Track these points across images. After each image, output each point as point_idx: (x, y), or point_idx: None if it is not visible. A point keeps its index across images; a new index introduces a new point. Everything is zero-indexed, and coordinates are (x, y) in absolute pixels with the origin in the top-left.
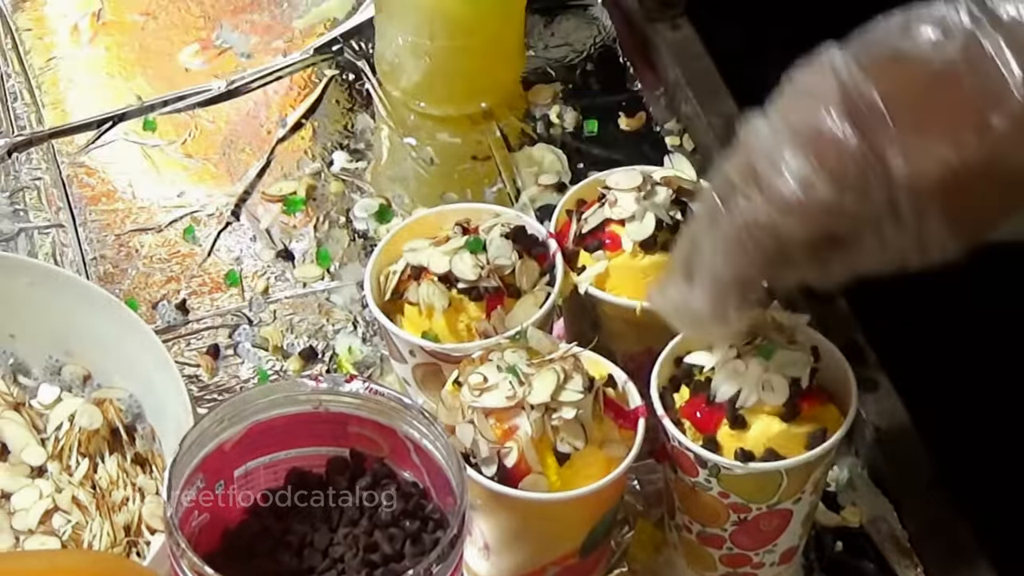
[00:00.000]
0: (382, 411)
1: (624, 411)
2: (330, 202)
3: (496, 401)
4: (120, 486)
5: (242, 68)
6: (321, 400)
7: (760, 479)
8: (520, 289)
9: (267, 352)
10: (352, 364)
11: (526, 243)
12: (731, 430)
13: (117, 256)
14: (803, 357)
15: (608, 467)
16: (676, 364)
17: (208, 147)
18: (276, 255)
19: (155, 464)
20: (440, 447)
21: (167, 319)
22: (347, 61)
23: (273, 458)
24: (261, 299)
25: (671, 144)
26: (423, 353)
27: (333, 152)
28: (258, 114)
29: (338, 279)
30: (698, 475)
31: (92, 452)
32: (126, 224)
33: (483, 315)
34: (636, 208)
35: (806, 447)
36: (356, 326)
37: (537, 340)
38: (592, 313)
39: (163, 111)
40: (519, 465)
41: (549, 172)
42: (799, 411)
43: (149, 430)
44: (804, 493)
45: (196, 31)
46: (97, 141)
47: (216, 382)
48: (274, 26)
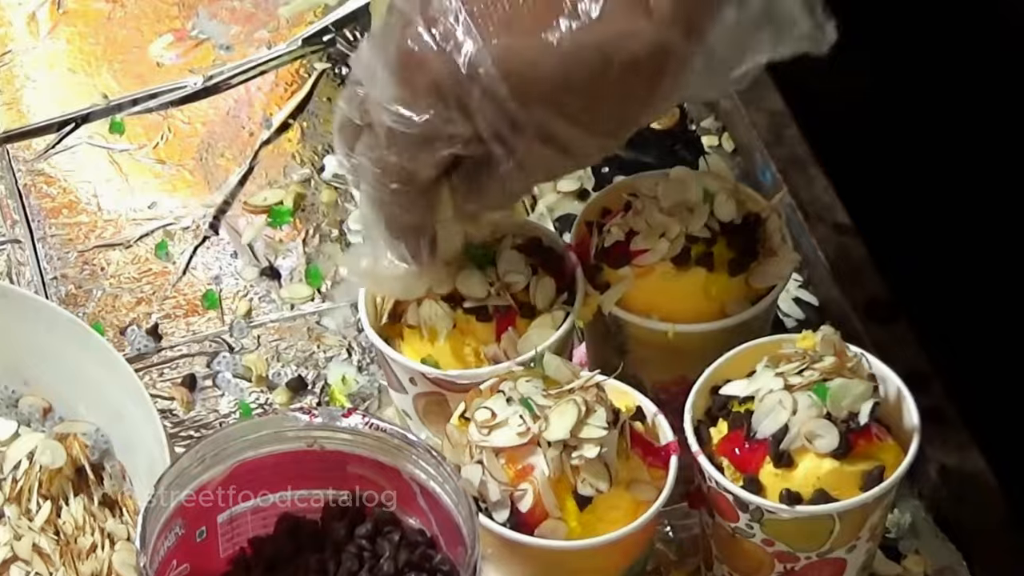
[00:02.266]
0: (384, 449)
1: (654, 448)
2: (321, 213)
3: (507, 439)
4: (87, 531)
5: (221, 62)
6: (315, 437)
7: (809, 524)
8: (535, 308)
9: (250, 383)
10: (346, 395)
11: (542, 257)
12: (775, 469)
13: (80, 275)
14: (863, 389)
15: (636, 511)
16: (712, 394)
17: (183, 152)
18: (260, 273)
19: (126, 507)
20: (449, 490)
21: (137, 346)
22: (340, 53)
23: (261, 502)
24: (243, 323)
25: (708, 144)
26: (425, 381)
27: (324, 156)
28: (239, 114)
29: (330, 300)
30: (739, 520)
31: (55, 494)
32: (90, 239)
33: (492, 338)
34: (666, 218)
35: (861, 488)
36: (350, 353)
37: (554, 367)
38: (618, 337)
39: (132, 111)
40: (535, 510)
41: (569, 177)
42: (853, 447)
43: (119, 468)
44: (859, 540)
45: (169, 20)
46: (58, 145)
47: (192, 417)
48: (257, 14)
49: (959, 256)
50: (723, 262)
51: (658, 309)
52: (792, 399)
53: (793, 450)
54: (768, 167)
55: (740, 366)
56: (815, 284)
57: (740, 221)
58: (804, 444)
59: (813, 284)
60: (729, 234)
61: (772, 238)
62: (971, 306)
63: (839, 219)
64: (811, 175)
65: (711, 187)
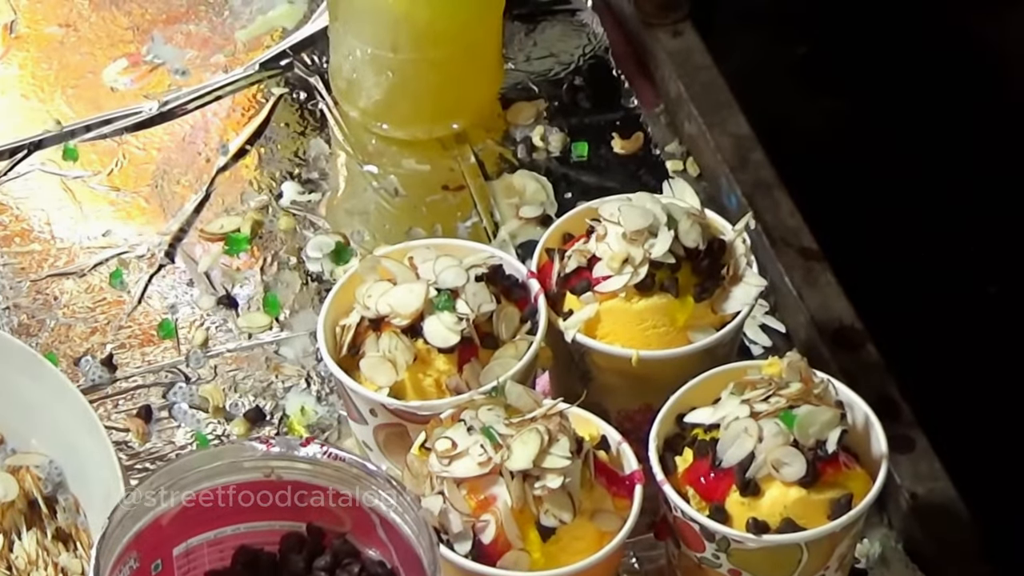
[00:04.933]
0: (343, 479)
1: (618, 477)
2: (279, 240)
3: (467, 470)
4: (40, 566)
5: (177, 87)
6: (273, 467)
7: (776, 554)
8: (498, 339)
9: (207, 414)
10: (305, 426)
11: (504, 285)
12: (742, 497)
13: (33, 305)
14: (830, 416)
15: (600, 542)
16: (678, 422)
17: (138, 178)
18: (217, 302)
19: (80, 540)
20: (409, 520)
21: (91, 377)
22: (298, 77)
23: (218, 534)
24: (200, 353)
25: (672, 169)
26: (386, 412)
27: (282, 183)
28: (195, 140)
29: (288, 329)
30: (705, 550)
31: (7, 527)
32: (43, 268)
33: (454, 369)
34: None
35: (829, 516)
36: (309, 383)
37: (516, 395)
38: (581, 364)
39: (86, 137)
40: (497, 541)
41: (532, 203)
42: (820, 475)
43: (72, 502)
44: (828, 570)
45: (123, 45)
46: (9, 172)
47: (148, 449)
48: (213, 38)
49: (927, 281)
50: (688, 288)
51: (621, 336)
52: (758, 427)
53: (760, 478)
54: (733, 192)
55: (705, 393)
56: (782, 310)
57: (705, 246)
58: (771, 472)
59: (779, 310)
60: (694, 259)
61: (737, 263)
62: (940, 332)
63: (805, 243)
64: (777, 199)
65: (675, 212)
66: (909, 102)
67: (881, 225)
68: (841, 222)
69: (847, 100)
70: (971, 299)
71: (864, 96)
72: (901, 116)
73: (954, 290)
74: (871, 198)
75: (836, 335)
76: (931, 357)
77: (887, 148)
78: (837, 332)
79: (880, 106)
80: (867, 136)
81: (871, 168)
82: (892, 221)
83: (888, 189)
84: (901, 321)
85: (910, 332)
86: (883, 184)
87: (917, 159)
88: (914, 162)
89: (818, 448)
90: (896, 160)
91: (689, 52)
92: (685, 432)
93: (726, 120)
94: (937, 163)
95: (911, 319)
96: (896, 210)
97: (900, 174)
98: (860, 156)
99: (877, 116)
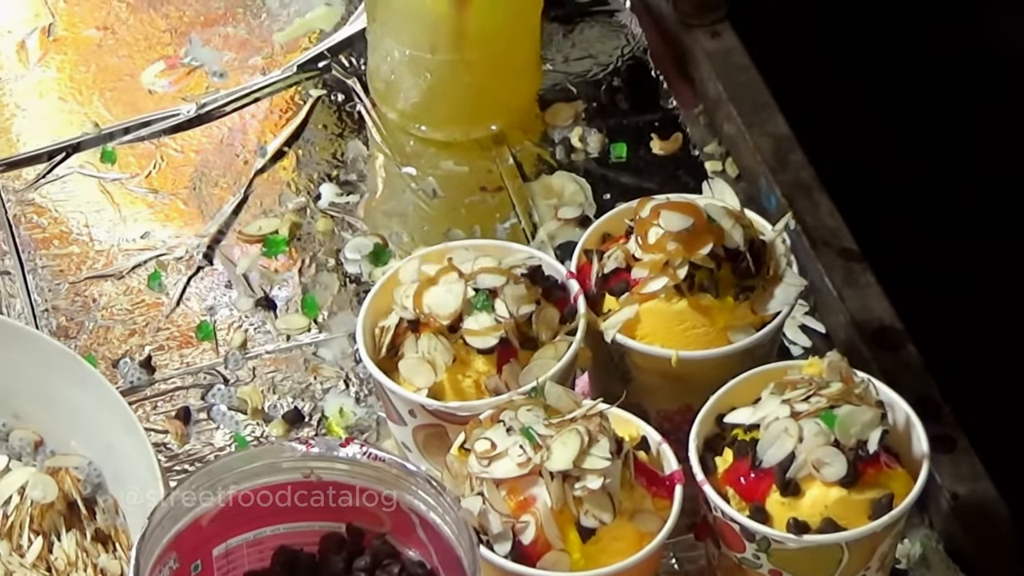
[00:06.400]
0: (383, 479)
1: (658, 478)
2: (317, 242)
3: (507, 471)
4: (79, 567)
5: (215, 89)
6: (312, 467)
7: (817, 554)
8: (538, 340)
9: (245, 415)
10: (344, 428)
11: (544, 286)
12: (782, 498)
13: (72, 307)
14: (871, 416)
15: (640, 543)
16: (718, 423)
17: (176, 181)
18: (255, 304)
19: (119, 541)
20: (450, 521)
21: (130, 379)
22: (335, 79)
23: (257, 535)
24: (238, 355)
25: (711, 169)
26: (425, 413)
27: (320, 184)
28: (233, 142)
29: (327, 331)
30: (745, 550)
31: (46, 529)
32: (82, 270)
33: (494, 370)
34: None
35: (870, 516)
36: (348, 384)
37: (556, 396)
38: (620, 365)
39: (124, 140)
40: (537, 542)
41: (570, 204)
42: (861, 475)
43: (111, 503)
44: (868, 570)
45: (161, 47)
46: (48, 175)
47: (187, 450)
48: (251, 40)
49: (968, 281)
50: (728, 288)
51: (661, 336)
52: (798, 427)
53: (800, 478)
54: (773, 192)
55: (745, 393)
56: (822, 311)
57: (745, 247)
58: (811, 472)
59: (819, 311)
60: (733, 260)
61: (777, 264)
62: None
63: (845, 244)
64: (816, 200)
65: (715, 213)
66: (949, 102)
67: (921, 226)
68: (881, 223)
69: (887, 98)
70: (1012, 299)
71: (903, 95)
72: (942, 115)
73: (995, 290)
74: (911, 197)
75: (876, 335)
76: (972, 357)
77: (927, 148)
78: (877, 332)
79: (921, 106)
80: (907, 135)
81: (911, 168)
82: (932, 221)
83: (928, 189)
84: (942, 321)
85: (951, 332)
86: (923, 183)
87: (959, 158)
88: (956, 161)
89: (859, 448)
90: (937, 159)
91: (728, 52)
92: (725, 432)
93: (765, 121)
94: (977, 162)
95: (952, 319)
96: (936, 210)
97: (941, 173)
98: (900, 155)
99: (918, 115)
